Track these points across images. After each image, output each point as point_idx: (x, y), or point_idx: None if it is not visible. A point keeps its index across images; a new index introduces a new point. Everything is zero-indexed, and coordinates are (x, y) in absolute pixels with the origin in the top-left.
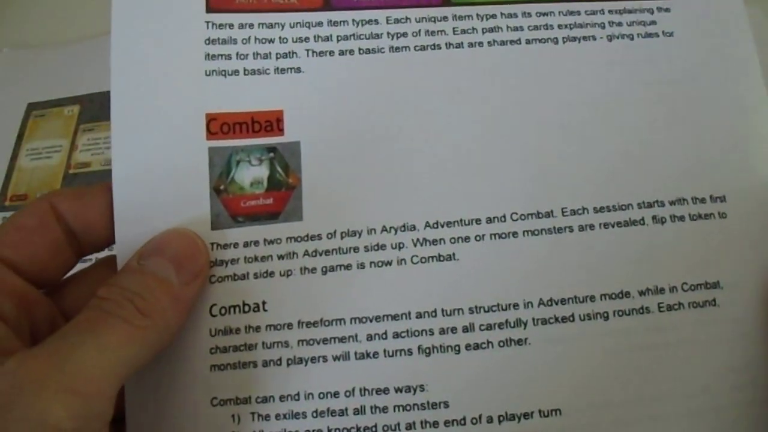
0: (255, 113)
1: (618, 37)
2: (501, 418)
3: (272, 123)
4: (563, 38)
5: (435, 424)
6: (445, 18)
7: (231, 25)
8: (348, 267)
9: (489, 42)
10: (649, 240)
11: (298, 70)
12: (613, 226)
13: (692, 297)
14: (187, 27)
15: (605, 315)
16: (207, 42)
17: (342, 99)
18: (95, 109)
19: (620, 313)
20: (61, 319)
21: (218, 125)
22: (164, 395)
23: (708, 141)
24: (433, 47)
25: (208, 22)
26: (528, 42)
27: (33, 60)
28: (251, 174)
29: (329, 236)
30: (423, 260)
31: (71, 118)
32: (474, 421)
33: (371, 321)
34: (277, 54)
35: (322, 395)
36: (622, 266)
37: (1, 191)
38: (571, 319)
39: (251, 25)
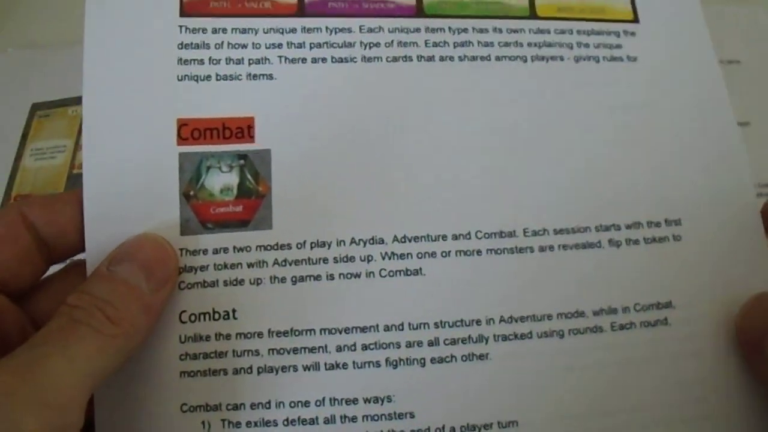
0: (226, 119)
1: (584, 59)
2: (462, 429)
3: (243, 129)
4: (532, 57)
5: None
6: (417, 29)
7: (204, 30)
8: (317, 278)
9: (460, 57)
10: (604, 262)
11: (270, 77)
12: (571, 248)
13: (644, 317)
14: (161, 31)
15: (561, 333)
16: (180, 47)
17: (313, 108)
18: None
19: (575, 332)
20: (31, 327)
21: (189, 131)
22: (133, 401)
23: (667, 166)
24: (405, 59)
25: (181, 26)
26: (498, 59)
27: (37, 60)
28: (221, 181)
29: (299, 246)
30: (391, 274)
31: (75, 118)
32: (438, 431)
33: (340, 333)
34: (249, 60)
35: (292, 404)
36: (578, 287)
37: (6, 191)
38: (530, 336)
39: (224, 30)
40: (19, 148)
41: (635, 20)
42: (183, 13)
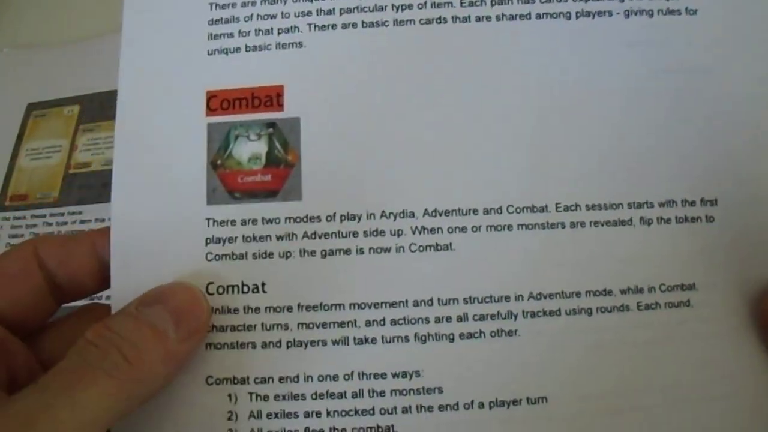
0: (255, 89)
1: (636, 13)
2: (491, 404)
3: (272, 98)
4: (576, 13)
5: (429, 408)
6: None
7: (234, 5)
8: (347, 252)
9: (497, 16)
10: (634, 240)
11: (300, 45)
12: (602, 225)
13: (668, 297)
14: (192, 9)
15: (589, 311)
16: (210, 23)
17: (344, 75)
18: (95, 109)
19: (603, 310)
20: (39, 368)
21: (218, 102)
22: None
23: (713, 142)
24: (438, 20)
25: (211, 4)
26: (539, 17)
27: (33, 60)
28: (249, 149)
29: (328, 219)
30: (421, 249)
31: (71, 118)
32: (466, 406)
33: (370, 307)
34: (278, 29)
35: (321, 378)
36: (608, 265)
37: (1, 191)
38: (558, 313)
39: (253, 3)
40: (15, 148)
41: None
42: None
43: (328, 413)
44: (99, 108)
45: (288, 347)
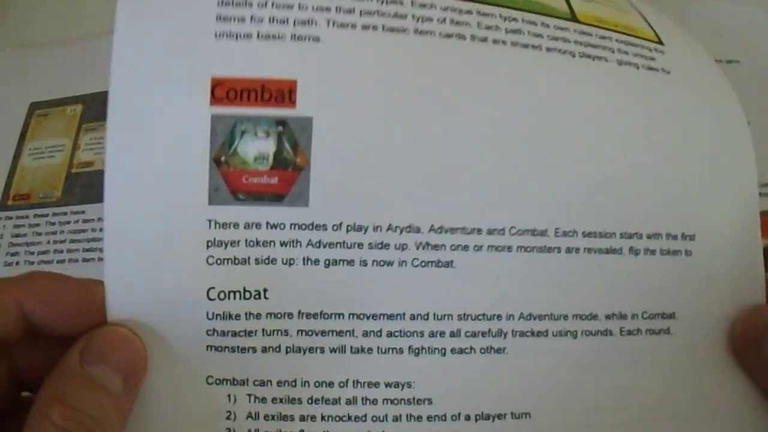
0: (266, 81)
1: (626, 64)
2: (477, 417)
3: (284, 93)
4: (579, 53)
5: (419, 418)
6: (469, 12)
7: None
8: (351, 262)
9: (512, 42)
10: (622, 268)
11: (317, 39)
12: (595, 252)
13: (649, 324)
14: None
15: (574, 333)
16: (219, 3)
17: (360, 77)
18: (98, 108)
19: (587, 333)
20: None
21: (224, 91)
22: (157, 373)
23: (689, 180)
24: (458, 37)
25: None
26: (548, 50)
27: (36, 59)
28: (256, 147)
29: (334, 228)
30: (423, 264)
31: (74, 117)
32: (453, 417)
33: (368, 318)
34: (294, 20)
35: (317, 384)
36: (595, 290)
37: (4, 190)
38: (545, 333)
39: None
40: (18, 148)
41: (660, 42)
42: None
43: (323, 417)
44: (102, 107)
45: (287, 353)
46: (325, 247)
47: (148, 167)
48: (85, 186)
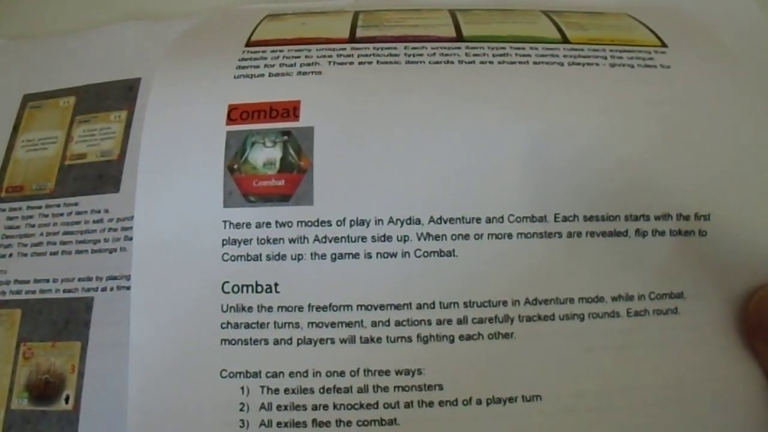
0: (274, 103)
1: (619, 66)
2: (488, 401)
3: (289, 110)
4: (568, 63)
5: (430, 403)
6: (458, 48)
7: (264, 51)
8: (356, 256)
9: (499, 61)
10: (628, 251)
11: (319, 73)
12: (598, 236)
13: (657, 305)
14: (225, 54)
15: (581, 316)
16: (240, 60)
17: (358, 91)
18: (91, 100)
19: (594, 316)
20: None
21: (238, 113)
22: (172, 367)
23: (702, 160)
24: (446, 62)
25: (245, 50)
26: (536, 63)
27: (28, 51)
28: (264, 155)
29: (339, 223)
30: (425, 254)
31: (67, 109)
32: (465, 402)
33: (376, 309)
34: (300, 63)
35: (329, 373)
36: (600, 273)
37: None
38: (552, 317)
39: (281, 50)
40: (11, 140)
41: (663, 45)
42: (248, 44)
43: (335, 406)
44: (95, 99)
45: (298, 344)
46: (330, 241)
47: (174, 176)
48: (78, 178)
